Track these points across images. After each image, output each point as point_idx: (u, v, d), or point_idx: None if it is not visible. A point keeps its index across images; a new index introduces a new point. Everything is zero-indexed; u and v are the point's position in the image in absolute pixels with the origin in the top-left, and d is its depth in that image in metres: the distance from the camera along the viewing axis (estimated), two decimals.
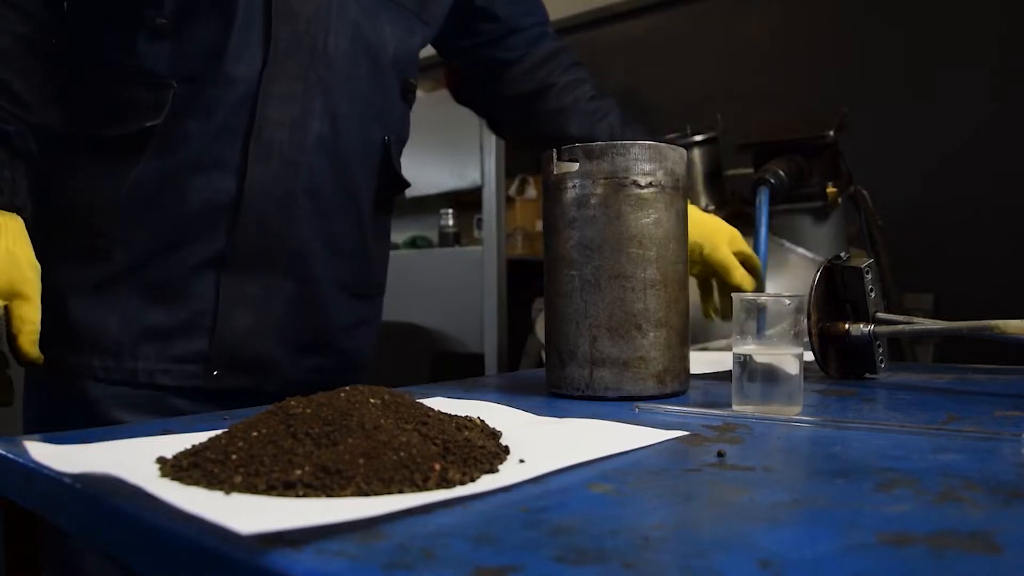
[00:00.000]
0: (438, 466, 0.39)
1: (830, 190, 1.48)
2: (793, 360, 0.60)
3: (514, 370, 2.20)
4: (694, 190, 1.73)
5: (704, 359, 0.95)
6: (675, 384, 0.71)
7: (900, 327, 0.76)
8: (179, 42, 0.77)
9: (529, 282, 2.01)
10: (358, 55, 0.85)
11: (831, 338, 0.78)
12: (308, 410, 0.43)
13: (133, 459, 0.43)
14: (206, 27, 0.77)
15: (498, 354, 2.27)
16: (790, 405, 0.59)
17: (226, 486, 0.37)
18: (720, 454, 0.46)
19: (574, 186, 0.70)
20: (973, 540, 0.30)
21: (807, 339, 0.71)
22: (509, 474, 0.40)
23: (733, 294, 0.64)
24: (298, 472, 0.37)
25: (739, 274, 0.97)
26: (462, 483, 0.39)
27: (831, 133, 1.44)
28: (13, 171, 0.71)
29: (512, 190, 2.58)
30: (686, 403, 0.66)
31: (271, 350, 0.82)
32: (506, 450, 0.45)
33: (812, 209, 1.51)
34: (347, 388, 0.46)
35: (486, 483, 0.39)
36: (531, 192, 2.61)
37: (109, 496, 0.37)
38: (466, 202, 2.49)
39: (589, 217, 0.70)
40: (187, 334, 0.79)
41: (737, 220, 1.68)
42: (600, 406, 0.65)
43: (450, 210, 2.57)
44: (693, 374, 0.76)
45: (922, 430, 0.52)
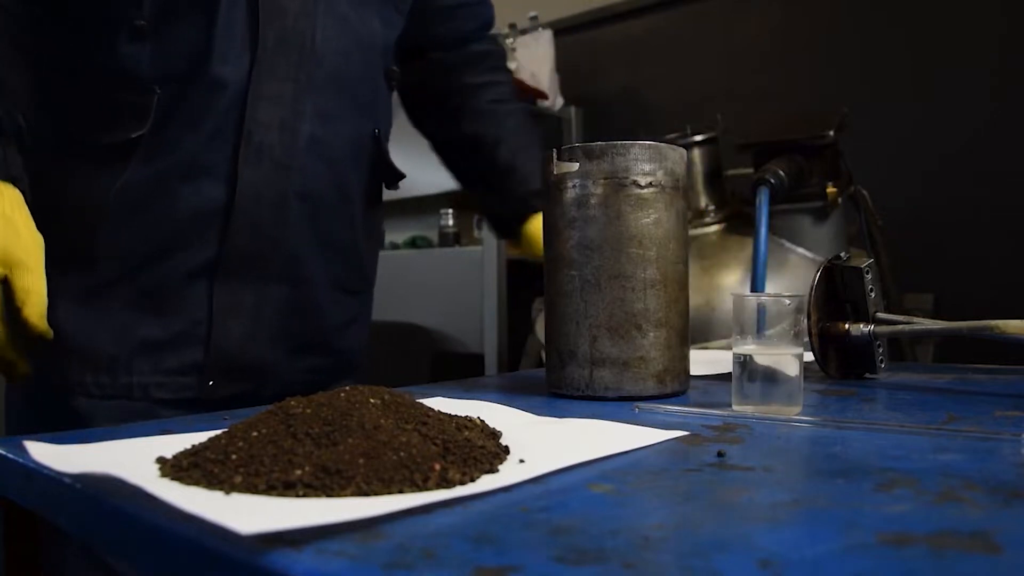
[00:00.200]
0: (438, 466, 0.39)
1: (830, 190, 1.48)
2: (793, 360, 0.60)
3: (514, 370, 2.20)
4: (694, 190, 1.73)
5: (704, 359, 0.95)
6: (675, 384, 0.71)
7: (900, 327, 0.76)
8: (161, 43, 0.75)
9: (529, 282, 2.01)
10: (348, 50, 0.83)
11: (831, 338, 0.78)
12: (308, 410, 0.43)
13: (133, 459, 0.43)
14: (188, 27, 0.75)
15: (498, 354, 2.27)
16: (790, 405, 0.59)
17: (226, 486, 0.37)
18: (720, 454, 0.46)
19: (574, 186, 0.70)
20: (973, 540, 0.30)
21: (807, 339, 0.71)
22: (509, 474, 0.40)
23: (733, 293, 0.64)
24: (298, 472, 0.37)
25: None
26: (462, 483, 0.39)
27: (831, 133, 1.45)
28: (4, 147, 0.68)
29: None
30: (686, 403, 0.66)
31: (267, 355, 0.81)
32: (506, 450, 0.45)
33: (812, 209, 1.51)
34: (347, 388, 0.46)
35: (486, 483, 0.39)
36: None
37: (109, 496, 0.37)
38: (466, 202, 2.48)
39: (589, 217, 0.70)
40: (181, 345, 0.77)
41: (737, 220, 1.69)
42: (600, 406, 0.65)
43: (450, 210, 2.57)
44: (693, 374, 0.76)
45: (922, 430, 0.52)
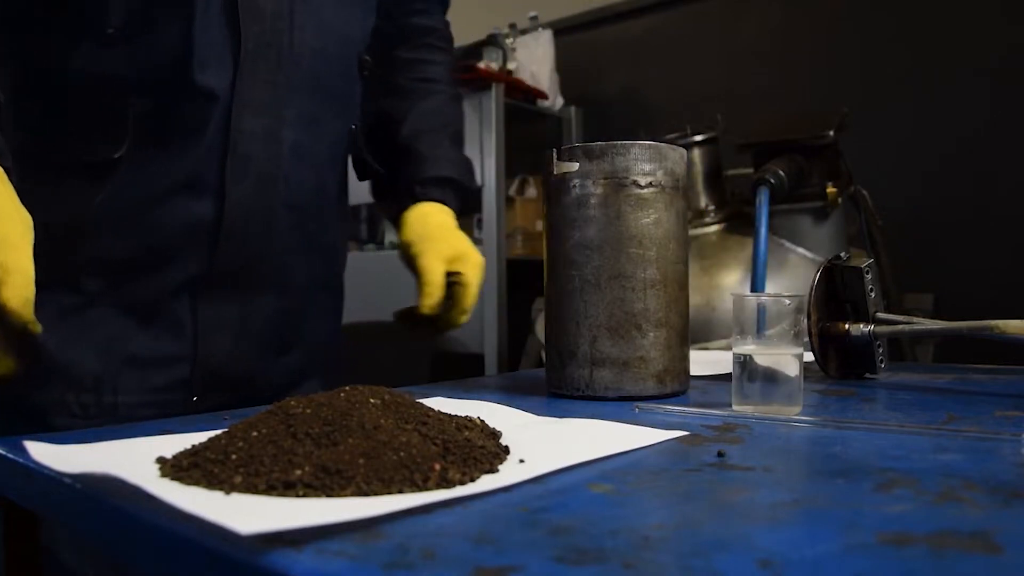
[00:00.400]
0: (438, 466, 0.39)
1: (830, 190, 1.48)
2: (793, 360, 0.60)
3: (514, 370, 2.20)
4: (694, 190, 1.73)
5: (704, 359, 0.95)
6: (675, 384, 0.71)
7: (900, 327, 0.76)
8: (134, 51, 0.70)
9: (529, 282, 2.01)
10: (325, 47, 0.80)
11: (831, 338, 0.78)
12: (308, 410, 0.43)
13: (133, 459, 0.43)
14: (163, 34, 0.70)
15: (498, 354, 2.27)
16: (790, 405, 0.59)
17: (226, 486, 0.37)
18: (720, 454, 0.46)
19: (574, 186, 0.70)
20: (973, 540, 0.30)
21: (807, 339, 0.71)
22: (509, 474, 0.40)
23: (733, 293, 0.64)
24: (298, 472, 0.37)
25: (427, 288, 0.83)
26: (462, 483, 0.39)
27: (831, 133, 1.45)
28: None
29: (512, 190, 2.58)
30: (686, 403, 0.66)
31: (253, 365, 0.80)
32: (506, 450, 0.45)
33: (812, 209, 1.51)
34: (347, 388, 0.46)
35: (486, 483, 0.39)
36: (531, 192, 2.60)
37: (109, 496, 0.37)
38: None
39: (589, 217, 0.70)
40: (167, 362, 0.75)
41: (737, 220, 1.69)
42: (600, 406, 0.65)
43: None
44: (693, 374, 0.76)
45: (922, 430, 0.52)
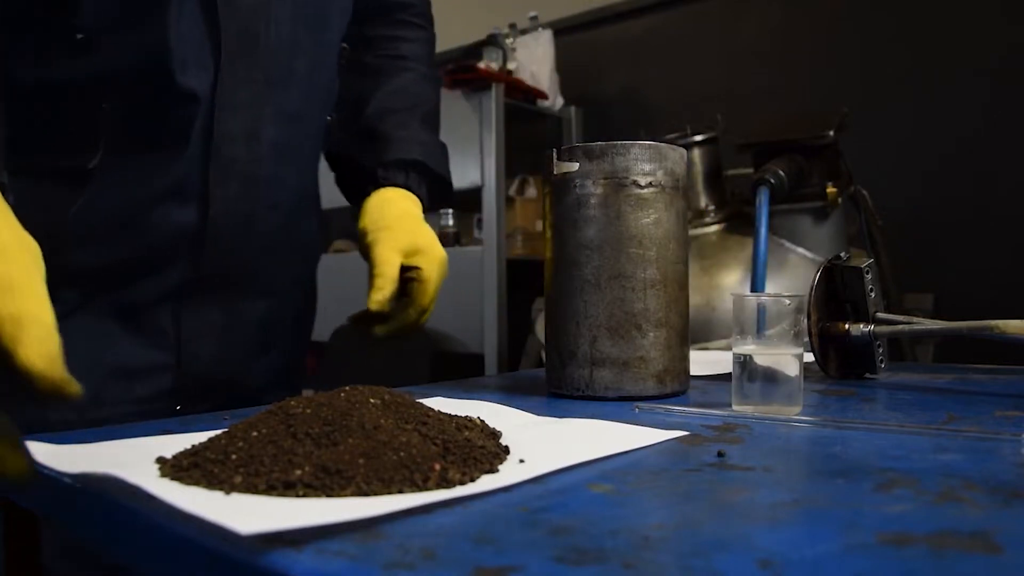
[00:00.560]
0: (438, 466, 0.39)
1: (830, 190, 1.48)
2: (793, 360, 0.60)
3: (514, 370, 2.20)
4: (694, 190, 1.73)
5: (704, 359, 0.95)
6: (675, 384, 0.71)
7: (900, 327, 0.76)
8: (107, 54, 0.66)
9: (529, 282, 2.02)
10: (301, 39, 0.76)
11: (831, 338, 0.78)
12: (308, 410, 0.43)
13: (133, 459, 0.43)
14: (137, 34, 0.66)
15: (498, 354, 2.27)
16: (790, 405, 0.59)
17: (226, 486, 0.37)
18: (720, 454, 0.46)
19: (574, 186, 0.70)
20: (973, 540, 0.30)
21: (807, 339, 0.71)
22: (509, 474, 0.40)
23: (733, 293, 0.64)
24: (298, 472, 0.37)
25: (379, 280, 0.75)
26: (462, 483, 0.39)
27: (831, 133, 1.45)
28: None
29: (512, 190, 2.58)
30: (686, 403, 0.66)
31: (236, 370, 0.78)
32: (506, 450, 0.45)
33: (812, 209, 1.52)
34: (347, 388, 0.46)
35: (486, 483, 0.39)
36: (531, 192, 2.60)
37: (109, 496, 0.37)
38: (466, 202, 2.48)
39: (589, 217, 0.70)
40: (150, 372, 0.73)
41: (737, 220, 1.69)
42: (600, 406, 0.65)
43: (450, 210, 2.57)
44: (693, 374, 0.76)
45: (922, 430, 0.52)
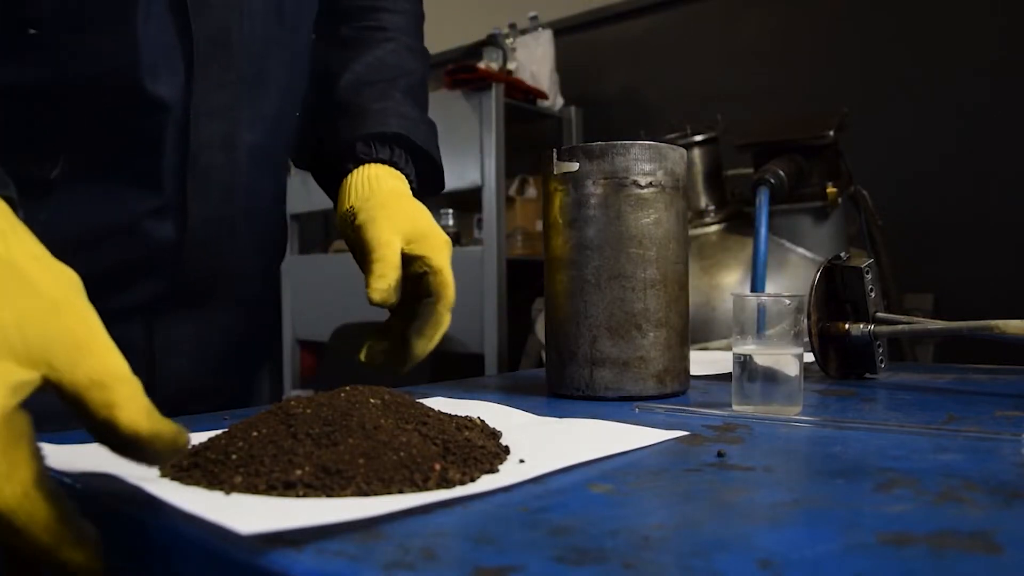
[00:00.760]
0: (438, 466, 0.39)
1: (830, 190, 1.48)
2: (793, 360, 0.60)
3: (514, 370, 2.20)
4: (694, 190, 1.73)
5: (704, 359, 0.95)
6: (675, 384, 0.71)
7: (900, 327, 0.76)
8: (66, 58, 0.60)
9: (529, 282, 2.02)
10: (276, 35, 0.70)
11: (831, 338, 0.78)
12: (308, 410, 0.43)
13: None
14: (100, 35, 0.60)
15: (498, 354, 2.27)
16: (790, 405, 0.59)
17: (226, 486, 0.37)
18: (720, 454, 0.46)
19: (574, 186, 0.70)
20: (973, 540, 0.30)
21: (807, 339, 0.71)
22: (509, 474, 0.40)
23: (733, 293, 0.64)
24: (298, 472, 0.37)
25: (378, 267, 0.65)
26: (462, 483, 0.39)
27: (831, 133, 1.45)
28: None
29: (512, 190, 2.58)
30: (686, 403, 0.66)
31: (210, 379, 0.74)
32: (506, 450, 0.45)
33: (812, 209, 1.52)
34: (347, 388, 0.46)
35: (486, 483, 0.39)
36: (531, 192, 2.61)
37: (109, 496, 0.37)
38: (466, 202, 2.49)
39: (589, 217, 0.70)
40: None
41: (737, 220, 1.69)
42: (600, 406, 0.65)
43: (450, 210, 2.57)
44: (693, 374, 0.76)
45: (922, 430, 0.52)
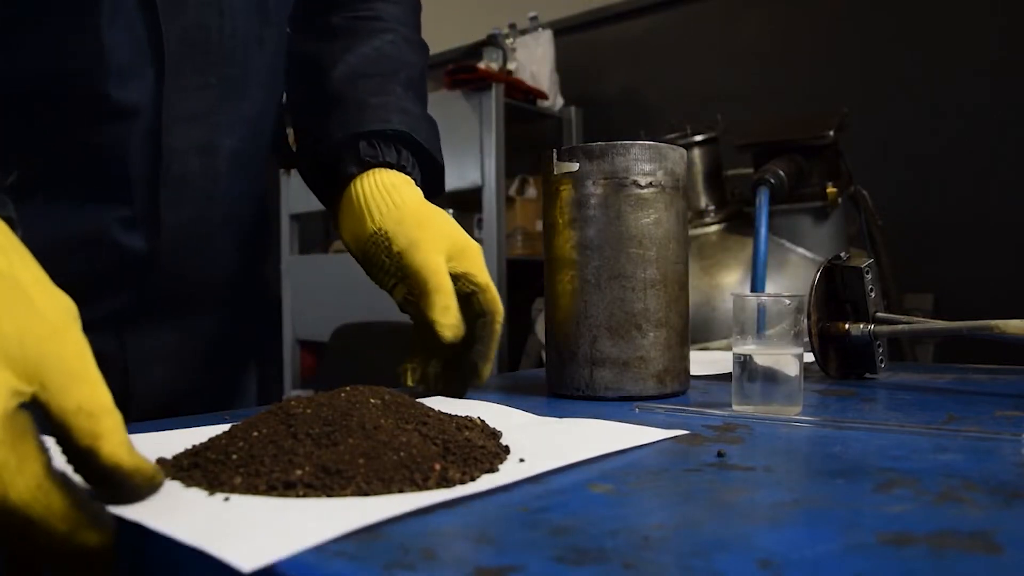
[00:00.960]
0: (438, 466, 0.39)
1: (830, 190, 1.48)
2: (793, 360, 0.60)
3: (514, 370, 2.20)
4: (694, 190, 1.73)
5: (704, 359, 0.95)
6: (675, 384, 0.71)
7: (900, 327, 0.76)
8: (20, 59, 0.56)
9: (529, 282, 2.02)
10: (256, 33, 0.66)
11: (831, 338, 0.78)
12: (308, 410, 0.43)
13: None
14: (60, 36, 0.55)
15: (498, 354, 2.27)
16: (790, 405, 0.59)
17: (226, 487, 0.37)
18: (720, 454, 0.46)
19: (574, 186, 0.70)
20: (973, 540, 0.30)
21: (807, 339, 0.71)
22: (509, 474, 0.40)
23: (733, 293, 0.64)
24: (298, 472, 0.37)
25: (440, 298, 0.62)
26: (462, 483, 0.39)
27: (831, 133, 1.45)
28: None
29: (512, 190, 2.58)
30: (686, 403, 0.66)
31: (189, 387, 0.71)
32: (506, 450, 0.45)
33: (812, 209, 1.52)
34: (347, 388, 0.46)
35: (486, 483, 0.39)
36: (531, 192, 2.61)
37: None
38: (466, 202, 2.49)
39: (589, 217, 0.70)
40: None
41: (737, 220, 1.69)
42: (600, 406, 0.65)
43: (450, 210, 2.57)
44: (693, 374, 0.76)
45: (922, 430, 0.52)
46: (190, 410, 0.66)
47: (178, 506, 0.35)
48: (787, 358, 0.60)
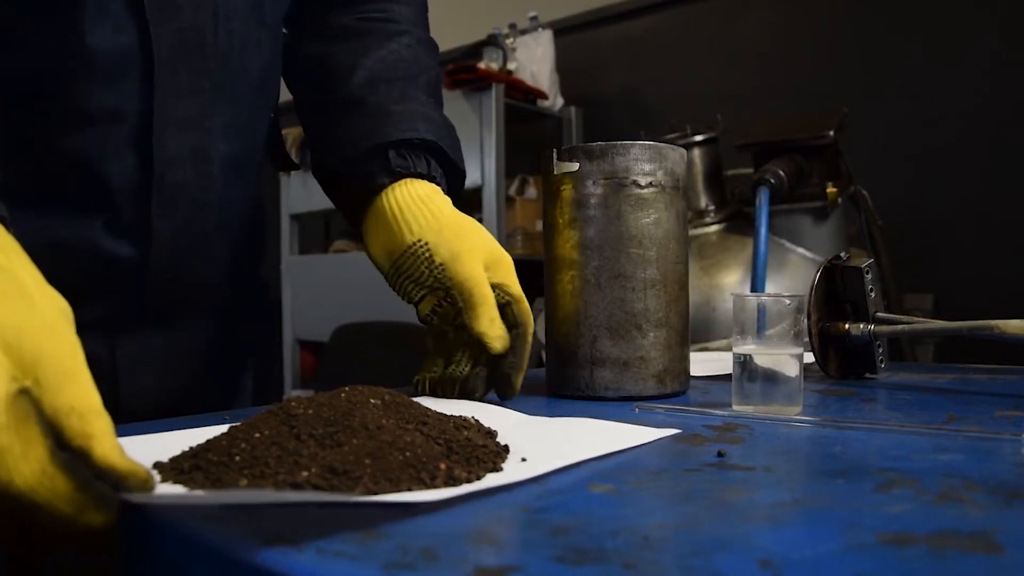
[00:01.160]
0: (443, 465, 0.39)
1: (830, 190, 1.48)
2: (793, 360, 0.60)
3: None
4: (694, 190, 1.73)
5: (704, 359, 0.95)
6: (675, 384, 0.71)
7: (900, 327, 0.76)
8: (5, 62, 0.54)
9: (529, 282, 2.01)
10: (252, 34, 0.64)
11: (831, 338, 0.78)
12: (309, 411, 0.43)
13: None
14: (41, 37, 0.54)
15: None
16: (790, 405, 0.59)
17: (231, 489, 0.37)
18: (720, 454, 0.46)
19: (574, 186, 0.70)
20: (973, 540, 0.30)
21: (807, 339, 0.71)
22: (513, 472, 0.40)
23: (733, 293, 0.64)
24: (305, 473, 0.37)
25: (486, 310, 0.63)
26: (468, 481, 0.39)
27: (831, 133, 1.45)
28: None
29: (512, 190, 2.58)
30: (686, 403, 0.66)
31: (180, 392, 0.70)
32: (505, 449, 0.45)
33: (812, 209, 1.52)
34: (346, 388, 0.46)
35: (491, 481, 0.39)
36: (531, 192, 2.61)
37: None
38: (466, 202, 2.49)
39: (589, 217, 0.70)
40: None
41: (737, 220, 1.69)
42: (600, 406, 0.65)
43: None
44: (693, 374, 0.76)
45: (922, 430, 0.52)
46: (183, 413, 0.65)
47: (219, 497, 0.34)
48: (787, 358, 0.60)
